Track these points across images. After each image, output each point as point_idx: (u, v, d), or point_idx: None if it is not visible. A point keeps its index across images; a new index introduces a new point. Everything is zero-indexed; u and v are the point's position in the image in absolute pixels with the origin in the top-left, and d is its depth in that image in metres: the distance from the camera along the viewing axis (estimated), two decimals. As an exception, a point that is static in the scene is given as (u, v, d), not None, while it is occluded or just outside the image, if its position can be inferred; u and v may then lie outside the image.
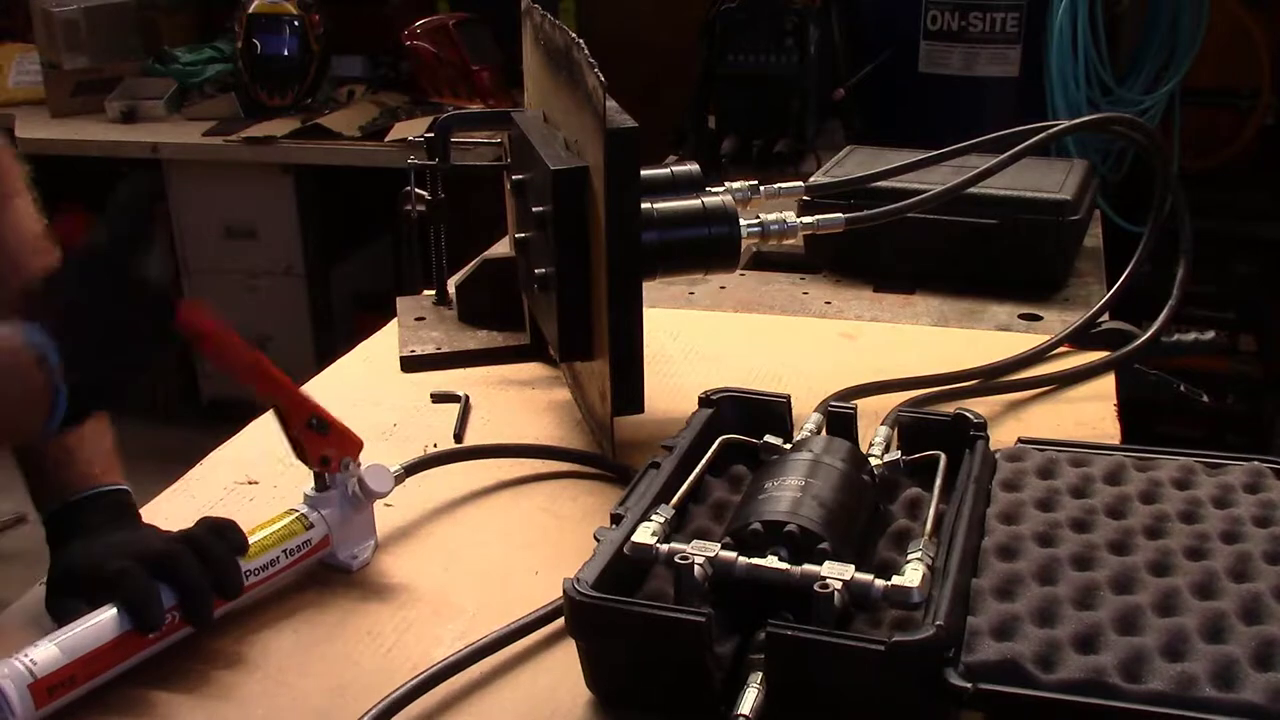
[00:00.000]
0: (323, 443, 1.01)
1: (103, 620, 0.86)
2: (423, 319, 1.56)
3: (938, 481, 0.95)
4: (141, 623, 0.87)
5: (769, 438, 1.02)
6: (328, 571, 1.03)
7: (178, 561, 0.90)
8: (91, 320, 0.86)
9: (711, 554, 0.83)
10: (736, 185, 1.29)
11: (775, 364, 1.43)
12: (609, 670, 0.86)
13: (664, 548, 0.85)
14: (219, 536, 0.94)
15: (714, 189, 1.26)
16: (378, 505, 1.07)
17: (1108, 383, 1.37)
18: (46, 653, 0.83)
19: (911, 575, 0.81)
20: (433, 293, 1.62)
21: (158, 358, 0.92)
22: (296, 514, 1.01)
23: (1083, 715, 0.74)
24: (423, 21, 3.47)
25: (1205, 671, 0.75)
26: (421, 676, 0.86)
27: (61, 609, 0.91)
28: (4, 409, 0.83)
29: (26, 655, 0.82)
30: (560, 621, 0.92)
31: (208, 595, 0.91)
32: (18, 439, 0.87)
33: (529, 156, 1.25)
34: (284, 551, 0.98)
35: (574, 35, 1.15)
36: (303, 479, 1.04)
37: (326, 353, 2.97)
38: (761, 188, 1.31)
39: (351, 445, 1.03)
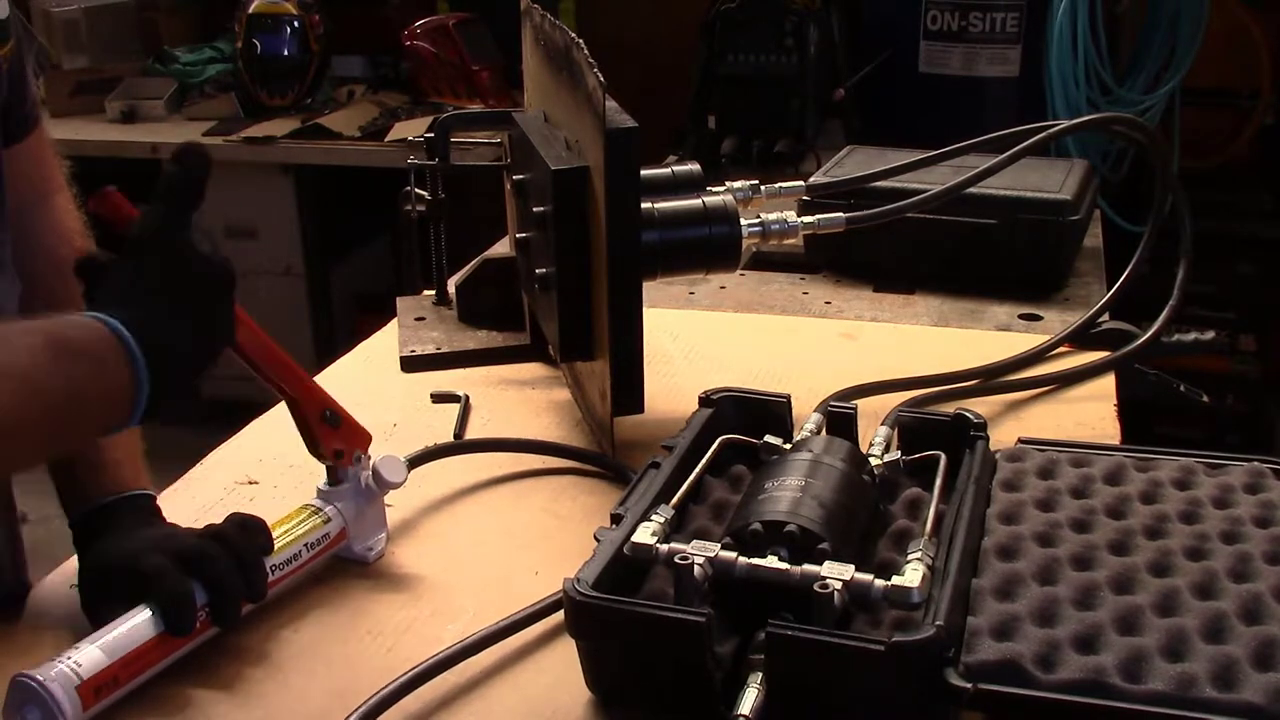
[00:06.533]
0: (335, 436, 1.01)
1: (141, 621, 0.87)
2: (423, 319, 1.56)
3: (938, 481, 0.95)
4: (176, 627, 0.87)
5: (769, 438, 1.02)
6: (326, 569, 1.03)
7: (209, 560, 0.90)
8: (161, 302, 0.84)
9: (711, 554, 0.83)
10: (737, 185, 1.29)
11: (775, 364, 1.43)
12: (609, 670, 0.86)
13: (664, 548, 0.85)
14: (248, 536, 0.94)
15: (714, 189, 1.26)
16: (378, 505, 1.07)
17: (1108, 383, 1.37)
18: (90, 655, 0.83)
19: (911, 575, 0.81)
20: (433, 293, 1.62)
21: (224, 337, 0.89)
22: (313, 509, 1.01)
23: (1083, 715, 0.74)
24: (423, 21, 3.48)
25: (1205, 672, 0.75)
26: (410, 674, 0.86)
27: (100, 610, 0.91)
28: (96, 397, 0.81)
29: (70, 658, 0.82)
30: (557, 620, 0.92)
31: (238, 596, 0.92)
32: (107, 428, 0.84)
33: (529, 156, 1.25)
34: (305, 546, 0.99)
35: (574, 35, 1.15)
36: (302, 479, 1.04)
37: (326, 353, 2.97)
38: (762, 187, 1.31)
39: (361, 439, 1.03)
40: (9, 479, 1.07)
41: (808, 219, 1.29)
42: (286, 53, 3.47)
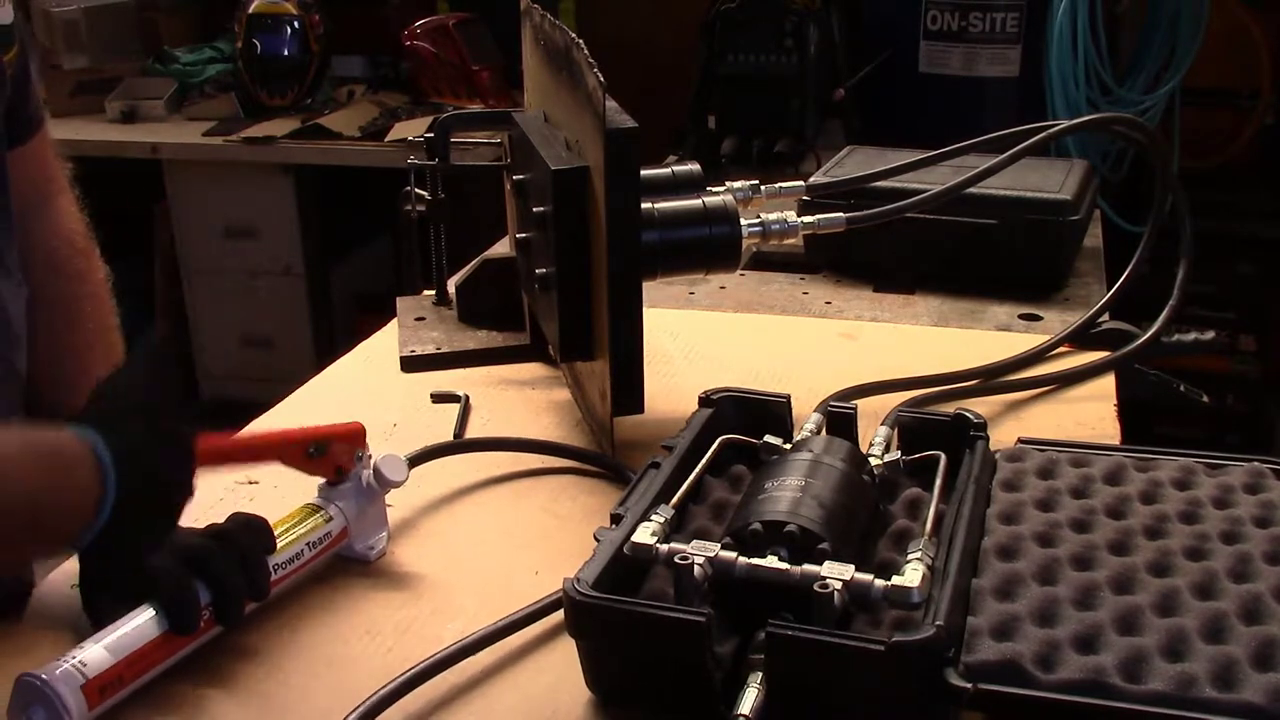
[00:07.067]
0: (328, 458, 1.01)
1: (146, 620, 0.87)
2: (423, 319, 1.56)
3: (938, 481, 0.95)
4: (179, 625, 0.87)
5: (769, 438, 1.02)
6: (327, 568, 1.03)
7: (213, 559, 0.90)
8: (137, 430, 0.86)
9: (711, 554, 0.83)
10: (737, 185, 1.29)
11: (775, 364, 1.43)
12: (609, 670, 0.86)
13: (664, 548, 0.85)
14: (251, 535, 0.95)
15: (715, 189, 1.26)
16: (378, 505, 1.07)
17: (1108, 383, 1.37)
18: (95, 654, 0.83)
19: (911, 575, 0.81)
20: (433, 293, 1.62)
21: (188, 479, 0.91)
22: (315, 507, 1.01)
23: (1083, 715, 0.74)
24: (423, 21, 3.48)
25: (1205, 671, 0.75)
26: (409, 674, 0.86)
27: (102, 610, 0.91)
28: (57, 505, 0.81)
29: (75, 657, 0.82)
30: (557, 620, 0.92)
31: (241, 595, 0.92)
32: (58, 540, 0.85)
33: (529, 156, 1.25)
34: (307, 545, 0.99)
35: (574, 35, 1.15)
36: (301, 479, 1.03)
37: (326, 353, 2.97)
38: (762, 187, 1.31)
39: (354, 438, 1.03)
40: None
41: (808, 219, 1.29)
42: (286, 53, 3.46)
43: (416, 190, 1.56)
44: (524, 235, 1.30)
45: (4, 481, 0.78)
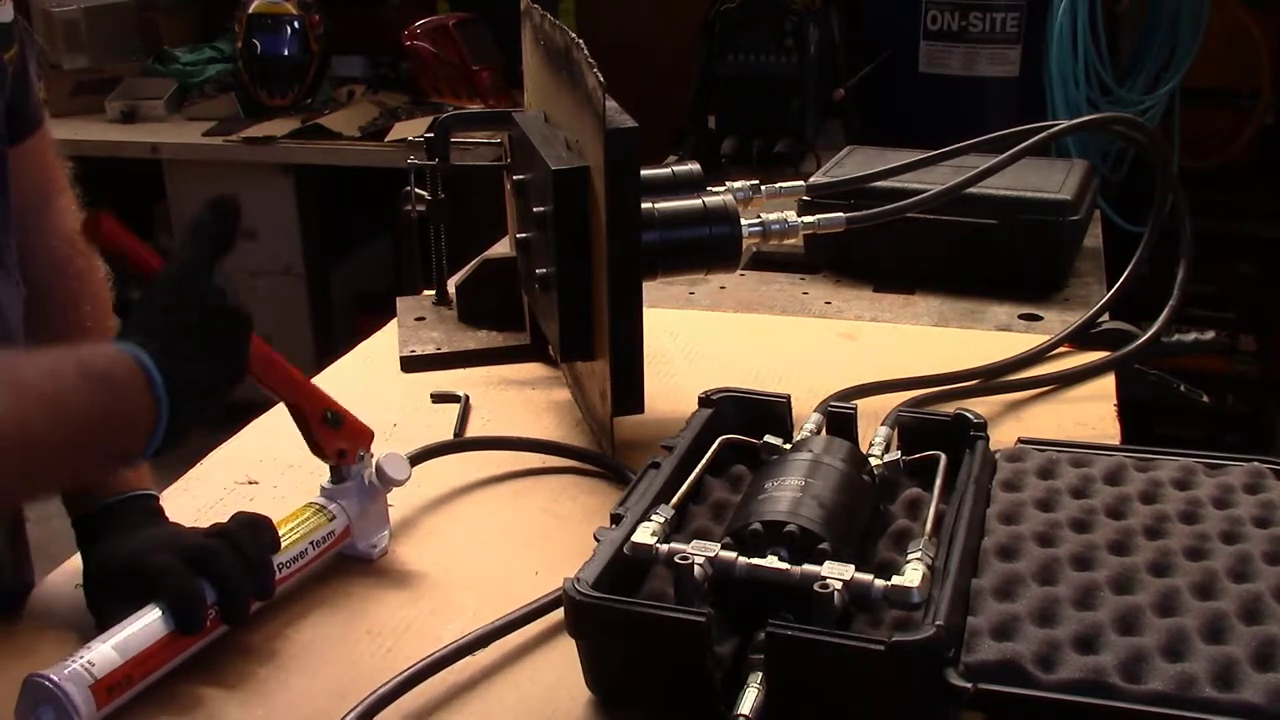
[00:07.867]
0: (337, 436, 1.01)
1: (152, 620, 0.87)
2: (423, 319, 1.56)
3: (938, 481, 0.95)
4: (186, 625, 0.88)
5: (769, 438, 1.02)
6: (328, 567, 1.03)
7: (218, 558, 0.90)
8: (186, 339, 0.85)
9: (711, 554, 0.83)
10: (737, 185, 1.29)
11: (775, 364, 1.43)
12: (609, 670, 0.86)
13: (664, 548, 0.85)
14: (255, 534, 0.94)
15: (715, 188, 1.26)
16: (378, 504, 1.07)
17: (1108, 383, 1.37)
18: (102, 654, 0.83)
19: (911, 575, 0.81)
20: (433, 293, 1.62)
21: (238, 377, 0.90)
22: (318, 506, 1.02)
23: (1083, 715, 0.74)
24: (423, 21, 3.48)
25: (1205, 671, 0.75)
26: (407, 673, 0.86)
27: (107, 610, 0.91)
28: (117, 423, 0.81)
29: (83, 657, 0.82)
30: (556, 619, 0.92)
31: (247, 593, 0.92)
32: (124, 456, 0.84)
33: (529, 156, 1.25)
34: (311, 544, 0.99)
35: (574, 35, 1.15)
36: (302, 479, 1.04)
37: (326, 353, 2.97)
38: (762, 187, 1.31)
39: (363, 437, 1.04)
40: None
41: (808, 219, 1.29)
42: (286, 53, 3.47)
43: (416, 190, 1.56)
44: (524, 235, 1.30)
45: (66, 410, 0.77)
